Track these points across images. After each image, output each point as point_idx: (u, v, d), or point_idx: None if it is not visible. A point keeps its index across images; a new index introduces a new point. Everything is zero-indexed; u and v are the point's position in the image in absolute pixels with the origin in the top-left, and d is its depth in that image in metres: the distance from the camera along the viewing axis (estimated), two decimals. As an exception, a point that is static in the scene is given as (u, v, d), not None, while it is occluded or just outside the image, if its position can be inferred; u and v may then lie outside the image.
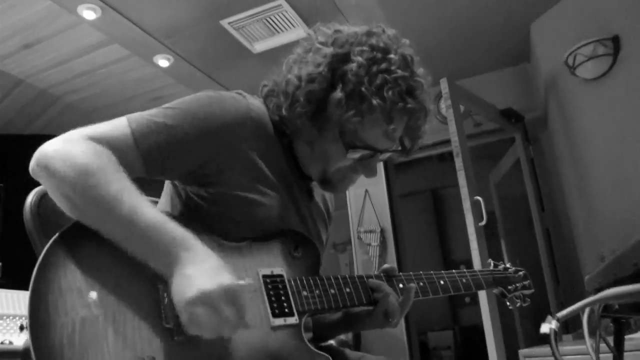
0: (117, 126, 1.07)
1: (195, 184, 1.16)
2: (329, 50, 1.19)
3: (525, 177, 4.03)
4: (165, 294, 0.97)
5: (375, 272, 1.30)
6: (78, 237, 0.98)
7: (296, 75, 1.20)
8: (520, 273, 1.69)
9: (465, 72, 4.24)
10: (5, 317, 3.01)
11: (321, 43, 1.23)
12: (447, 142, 3.58)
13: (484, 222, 3.21)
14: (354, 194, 4.72)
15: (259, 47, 3.71)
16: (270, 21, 3.44)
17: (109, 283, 0.95)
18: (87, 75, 3.76)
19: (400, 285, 1.29)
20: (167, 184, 1.26)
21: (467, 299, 6.26)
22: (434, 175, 6.27)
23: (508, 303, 1.62)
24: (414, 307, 1.32)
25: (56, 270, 0.92)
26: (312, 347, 1.09)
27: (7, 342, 2.20)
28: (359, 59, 1.16)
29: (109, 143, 1.03)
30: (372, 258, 4.57)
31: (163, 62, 3.71)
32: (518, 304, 1.65)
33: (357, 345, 4.20)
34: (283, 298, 1.09)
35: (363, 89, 1.14)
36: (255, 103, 1.22)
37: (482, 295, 3.06)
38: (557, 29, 3.51)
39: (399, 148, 1.29)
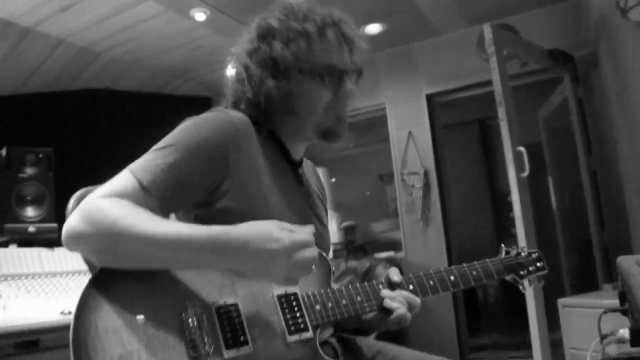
0: (123, 180, 1.12)
1: (200, 207, 1.22)
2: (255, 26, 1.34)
3: (573, 118, 3.90)
4: (190, 324, 1.05)
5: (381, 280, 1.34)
6: (108, 279, 1.05)
7: (242, 63, 1.33)
8: (534, 255, 1.67)
9: (509, 9, 4.03)
10: (66, 275, 3.20)
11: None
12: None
13: (526, 173, 3.15)
14: (397, 135, 4.69)
15: (295, -7, 3.60)
16: (304, -33, 3.33)
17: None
18: (125, 31, 3.77)
19: (411, 287, 1.34)
20: None
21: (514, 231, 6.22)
22: (481, 106, 6.12)
23: (520, 287, 1.61)
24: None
25: (92, 314, 1.00)
26: (326, 357, 1.19)
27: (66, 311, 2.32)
28: (277, 14, 1.32)
29: (121, 195, 1.08)
30: (416, 199, 4.60)
31: (200, 16, 3.67)
32: (531, 285, 1.65)
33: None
34: (298, 315, 1.18)
35: (294, 23, 1.29)
36: (233, 112, 1.29)
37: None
38: (609, -37, 3.27)
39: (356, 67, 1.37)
